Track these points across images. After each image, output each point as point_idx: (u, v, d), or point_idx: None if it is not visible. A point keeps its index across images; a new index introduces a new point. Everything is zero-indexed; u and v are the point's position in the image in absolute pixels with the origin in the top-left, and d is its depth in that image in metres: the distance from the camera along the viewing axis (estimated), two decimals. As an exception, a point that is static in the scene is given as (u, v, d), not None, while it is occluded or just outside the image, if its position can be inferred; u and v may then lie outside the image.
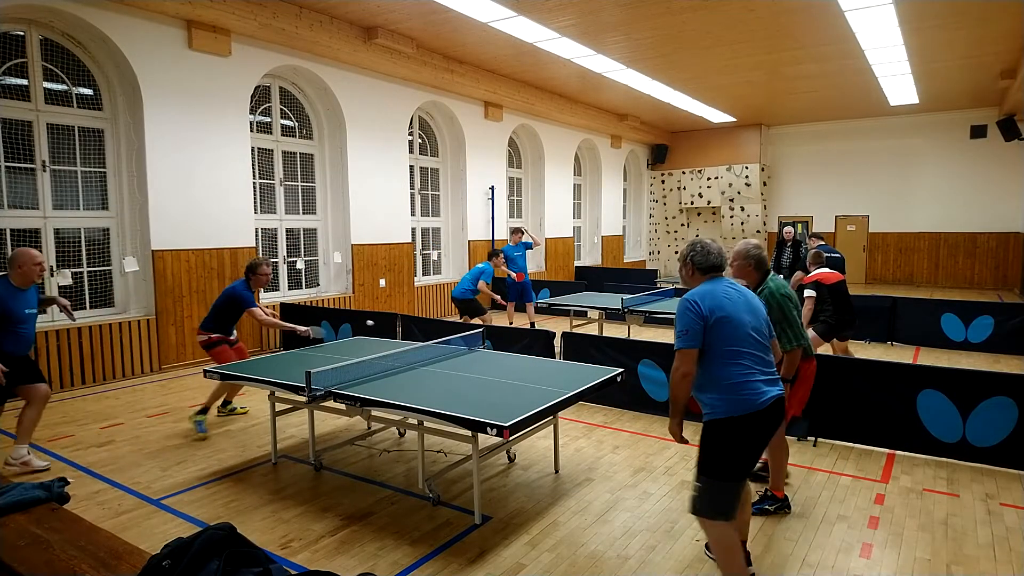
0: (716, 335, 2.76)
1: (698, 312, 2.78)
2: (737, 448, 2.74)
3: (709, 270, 2.97)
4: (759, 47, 10.19)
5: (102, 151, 7.61)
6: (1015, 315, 8.58)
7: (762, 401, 2.75)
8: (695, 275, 3.00)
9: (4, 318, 4.39)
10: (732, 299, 2.86)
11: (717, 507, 2.74)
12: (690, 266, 3.01)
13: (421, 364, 4.74)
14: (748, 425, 2.73)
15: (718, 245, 3.03)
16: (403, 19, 8.66)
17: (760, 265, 3.73)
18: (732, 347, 2.77)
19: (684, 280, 3.09)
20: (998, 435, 4.48)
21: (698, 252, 2.98)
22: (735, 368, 2.76)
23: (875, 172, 17.24)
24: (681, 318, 2.80)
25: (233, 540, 1.55)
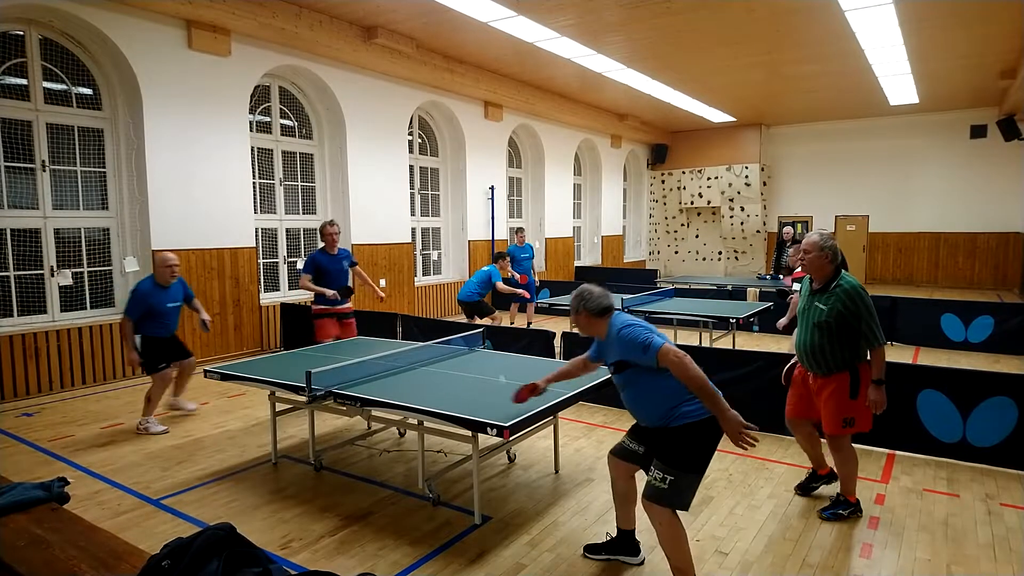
0: None
1: (639, 323, 2.88)
2: (712, 444, 2.86)
3: (604, 312, 2.97)
4: (759, 47, 10.19)
5: (102, 151, 7.61)
6: (1015, 315, 8.58)
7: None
8: (592, 321, 2.99)
9: (149, 311, 5.44)
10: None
11: (685, 498, 2.86)
12: (584, 314, 2.98)
13: (421, 364, 4.73)
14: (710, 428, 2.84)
15: (600, 289, 3.02)
16: (403, 19, 8.66)
17: (835, 258, 3.58)
18: None
19: (583, 330, 3.06)
20: (998, 435, 4.48)
21: (586, 300, 2.97)
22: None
23: (875, 172, 17.24)
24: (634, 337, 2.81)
25: (233, 540, 1.55)
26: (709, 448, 2.86)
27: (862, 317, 3.46)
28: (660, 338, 2.78)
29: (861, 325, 3.47)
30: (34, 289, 7.10)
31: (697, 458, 2.85)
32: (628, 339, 2.81)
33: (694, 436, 2.82)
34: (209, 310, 8.25)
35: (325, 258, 6.53)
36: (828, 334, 3.55)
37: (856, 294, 3.48)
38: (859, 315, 3.46)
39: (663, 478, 2.84)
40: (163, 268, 5.52)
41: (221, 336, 8.37)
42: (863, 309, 3.47)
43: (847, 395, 3.55)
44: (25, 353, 6.70)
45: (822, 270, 3.58)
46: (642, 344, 2.77)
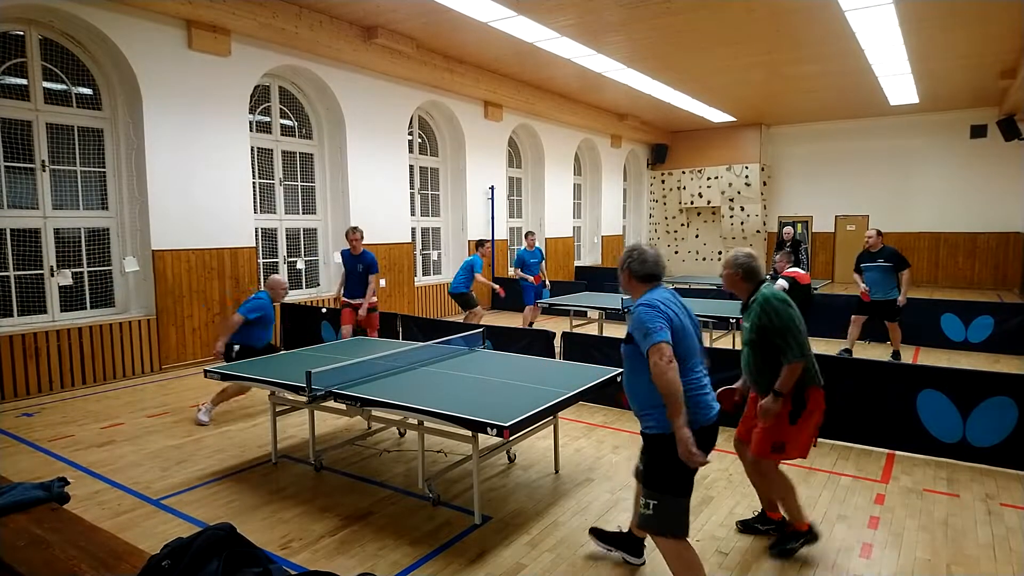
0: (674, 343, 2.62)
1: (662, 312, 2.66)
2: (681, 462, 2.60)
3: (646, 279, 2.82)
4: (759, 47, 10.19)
5: (102, 151, 7.60)
6: (1015, 315, 8.58)
7: (712, 416, 2.73)
8: (632, 282, 2.86)
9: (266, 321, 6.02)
10: (679, 307, 2.77)
11: (673, 523, 2.68)
12: (627, 273, 2.85)
13: (421, 364, 4.74)
14: (702, 439, 2.62)
15: (656, 252, 2.87)
16: (403, 19, 8.66)
17: (750, 275, 3.32)
18: (686, 357, 2.69)
19: (622, 285, 2.94)
20: (998, 435, 4.48)
21: (635, 259, 2.83)
22: (688, 382, 2.65)
23: (875, 172, 17.24)
24: (644, 321, 2.64)
25: (233, 540, 1.55)
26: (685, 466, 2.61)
27: (776, 330, 3.16)
28: (664, 334, 2.59)
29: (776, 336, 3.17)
30: (34, 289, 7.10)
31: (673, 477, 2.64)
32: (638, 318, 2.68)
33: (665, 450, 2.62)
34: (209, 310, 8.27)
35: (346, 256, 7.63)
36: (756, 351, 3.29)
37: (768, 306, 3.19)
38: (773, 328, 3.17)
39: (646, 503, 2.71)
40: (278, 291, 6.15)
41: (221, 336, 8.37)
42: (775, 320, 3.17)
43: (785, 419, 3.23)
44: (25, 353, 6.70)
45: (737, 287, 3.37)
46: (644, 329, 2.62)
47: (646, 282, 2.83)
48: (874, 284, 7.63)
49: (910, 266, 7.49)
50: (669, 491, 2.67)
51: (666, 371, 2.53)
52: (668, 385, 2.53)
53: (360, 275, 7.48)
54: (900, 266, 7.46)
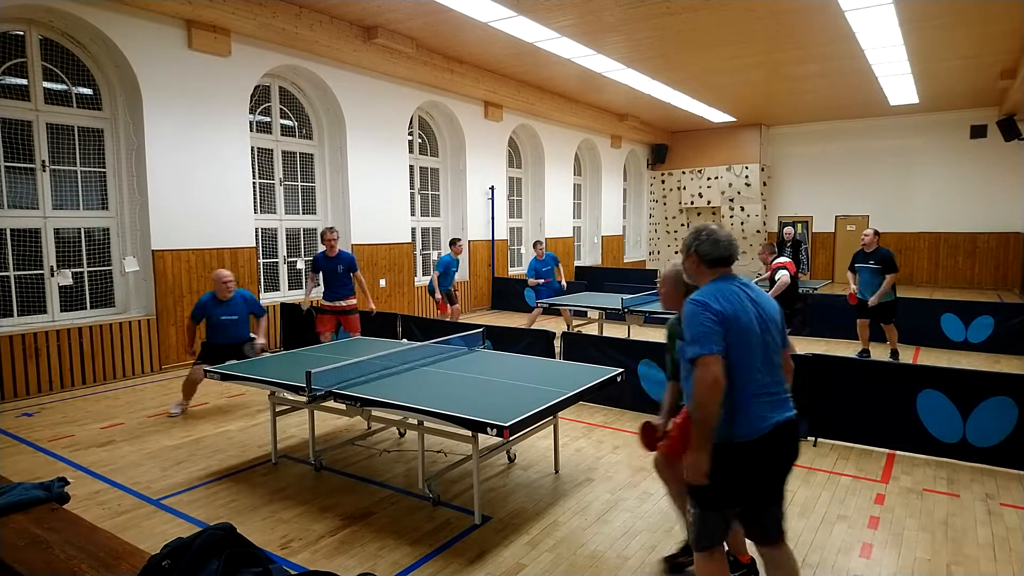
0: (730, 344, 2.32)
1: (714, 313, 2.32)
2: (729, 477, 2.35)
3: (717, 263, 2.47)
4: (759, 47, 10.19)
5: (102, 151, 7.60)
6: (1015, 315, 8.58)
7: (763, 427, 2.36)
8: (701, 269, 2.50)
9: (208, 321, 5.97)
10: (745, 303, 2.40)
11: (702, 535, 2.47)
12: (695, 258, 2.50)
13: (421, 364, 4.74)
14: (745, 453, 2.35)
15: (728, 232, 2.53)
16: (403, 19, 8.66)
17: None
18: (740, 361, 2.35)
19: (688, 274, 2.60)
20: (998, 435, 4.48)
21: (704, 240, 2.47)
22: (740, 388, 2.34)
23: (875, 172, 17.24)
24: (691, 322, 2.33)
25: (233, 540, 1.55)
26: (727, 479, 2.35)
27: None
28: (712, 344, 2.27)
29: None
30: (34, 289, 7.10)
31: (711, 489, 2.36)
32: (688, 316, 2.36)
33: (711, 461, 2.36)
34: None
35: (321, 259, 7.31)
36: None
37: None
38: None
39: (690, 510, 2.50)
40: (218, 284, 5.97)
41: (221, 336, 8.37)
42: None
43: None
44: (25, 353, 6.70)
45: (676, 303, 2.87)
46: (690, 334, 2.33)
47: (715, 267, 2.48)
48: (865, 285, 7.65)
49: (897, 271, 7.46)
50: (707, 503, 2.43)
51: (705, 392, 2.24)
52: (703, 411, 2.26)
53: (341, 275, 7.30)
54: (887, 269, 7.44)
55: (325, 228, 7.38)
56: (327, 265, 7.27)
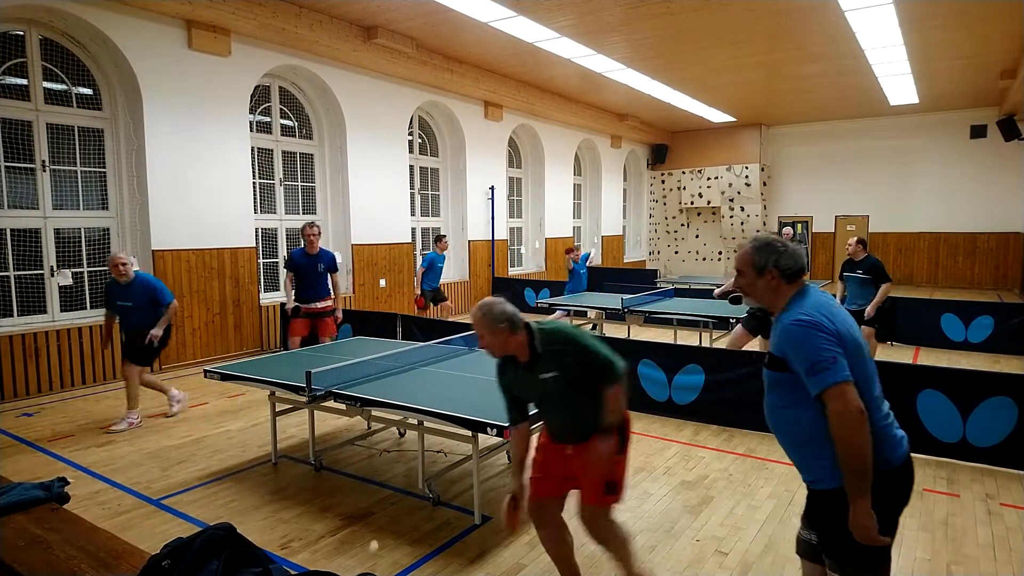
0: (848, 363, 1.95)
1: (830, 332, 1.95)
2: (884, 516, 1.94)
3: (798, 274, 2.12)
4: (759, 47, 10.19)
5: (102, 151, 7.60)
6: (1015, 315, 8.58)
7: (905, 450, 2.05)
8: (781, 286, 2.12)
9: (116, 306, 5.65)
10: (842, 312, 2.06)
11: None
12: (775, 273, 2.10)
13: (421, 364, 4.74)
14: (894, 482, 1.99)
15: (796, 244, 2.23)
16: (403, 19, 8.66)
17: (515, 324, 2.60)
18: (864, 378, 1.98)
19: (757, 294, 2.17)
20: (998, 435, 4.48)
21: (783, 252, 2.11)
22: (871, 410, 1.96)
23: (875, 172, 17.24)
24: (810, 343, 1.94)
25: (233, 540, 1.55)
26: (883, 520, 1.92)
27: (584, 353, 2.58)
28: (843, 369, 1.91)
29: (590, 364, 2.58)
30: (34, 289, 7.10)
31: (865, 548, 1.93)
32: (797, 339, 1.97)
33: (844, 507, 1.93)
34: (209, 310, 8.26)
35: (299, 256, 6.75)
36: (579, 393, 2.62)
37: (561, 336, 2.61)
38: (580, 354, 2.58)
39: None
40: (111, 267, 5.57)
41: (221, 336, 8.37)
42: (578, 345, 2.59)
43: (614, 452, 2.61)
44: (25, 353, 6.70)
45: (507, 346, 2.62)
46: (812, 360, 1.93)
47: (795, 280, 2.12)
48: (852, 295, 7.20)
49: (889, 281, 6.94)
50: (862, 566, 1.96)
51: (853, 427, 1.87)
52: (856, 449, 1.87)
53: (321, 275, 6.79)
54: (877, 279, 6.94)
55: (305, 223, 6.74)
56: (306, 263, 6.71)
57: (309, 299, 6.77)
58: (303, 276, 6.75)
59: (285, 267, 6.98)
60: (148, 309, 5.66)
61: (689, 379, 5.67)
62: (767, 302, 2.17)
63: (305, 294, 6.76)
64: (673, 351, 5.85)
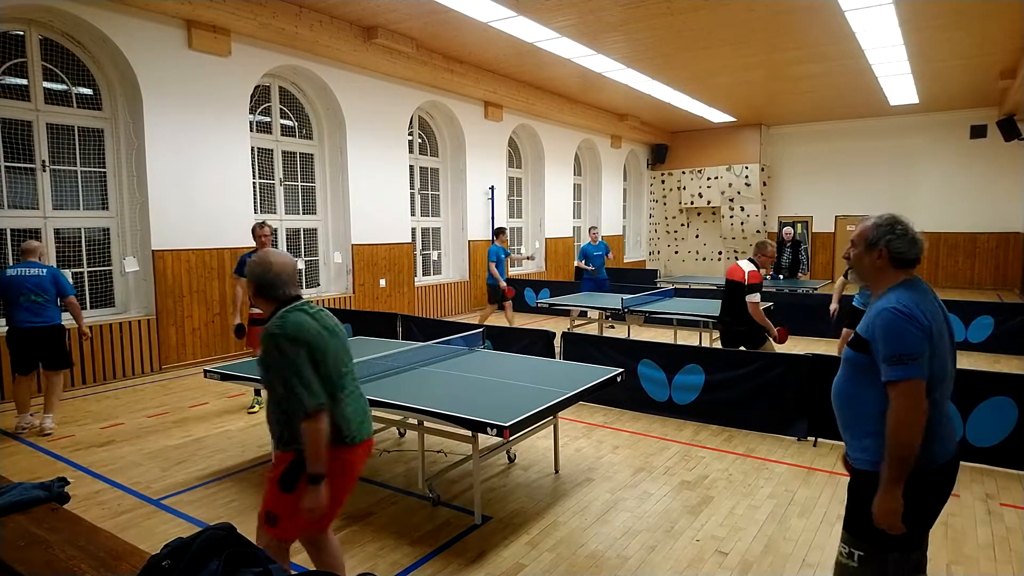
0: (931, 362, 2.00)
1: (923, 329, 1.96)
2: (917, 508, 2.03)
3: (909, 264, 2.09)
4: (759, 47, 10.19)
5: (102, 151, 7.60)
6: (1015, 315, 8.58)
7: (951, 449, 2.11)
8: (886, 270, 2.09)
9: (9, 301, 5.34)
10: (939, 312, 2.08)
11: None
12: (884, 254, 2.08)
13: (421, 364, 4.74)
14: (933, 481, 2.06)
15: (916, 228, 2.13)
16: (403, 19, 8.66)
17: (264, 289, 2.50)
18: (942, 380, 2.05)
19: (861, 273, 2.19)
20: (998, 435, 4.48)
21: (900, 235, 2.06)
22: (936, 409, 2.03)
23: (875, 172, 17.24)
24: (901, 334, 1.95)
25: (233, 540, 1.55)
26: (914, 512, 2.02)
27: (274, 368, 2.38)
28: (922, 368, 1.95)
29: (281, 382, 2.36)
30: (34, 289, 7.09)
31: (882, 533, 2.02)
32: (892, 326, 1.98)
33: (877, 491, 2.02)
34: (209, 310, 8.26)
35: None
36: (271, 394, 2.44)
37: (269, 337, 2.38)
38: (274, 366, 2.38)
39: (849, 552, 2.12)
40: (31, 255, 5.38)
41: (221, 336, 8.37)
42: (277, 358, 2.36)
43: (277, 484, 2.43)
44: (25, 353, 6.69)
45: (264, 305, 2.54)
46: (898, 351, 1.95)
47: (904, 268, 2.09)
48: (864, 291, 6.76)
49: None
50: (875, 542, 2.05)
51: (912, 423, 1.93)
52: (905, 444, 1.94)
53: None
54: None
55: (256, 224, 6.15)
56: None
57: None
58: None
59: (236, 273, 6.19)
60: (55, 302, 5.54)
61: (689, 379, 5.67)
62: (869, 280, 2.17)
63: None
64: (673, 351, 5.85)
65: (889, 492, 1.97)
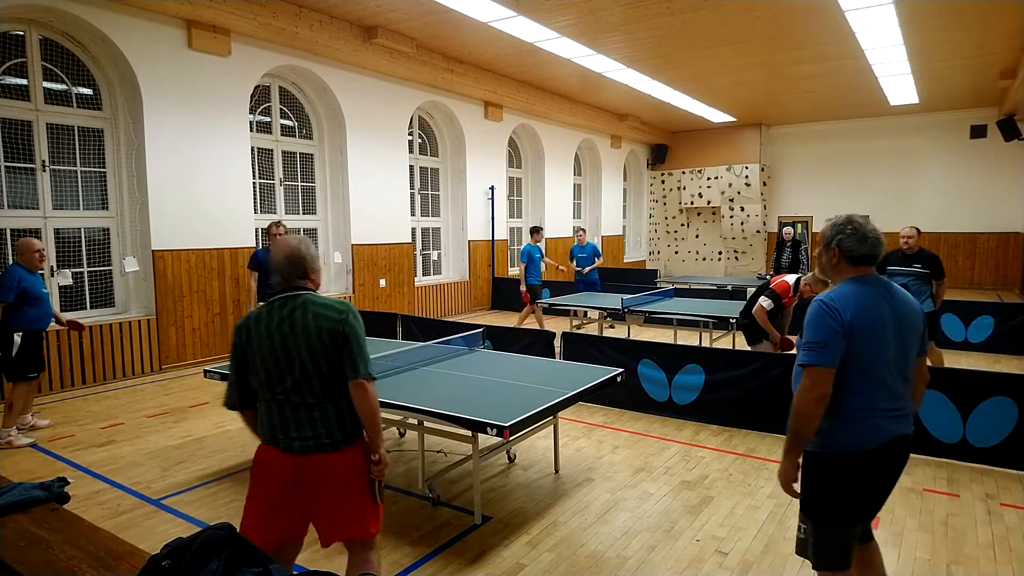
0: (850, 352, 2.17)
1: (840, 322, 2.16)
2: (845, 489, 2.24)
3: (861, 261, 2.28)
4: (759, 47, 10.19)
5: (102, 151, 7.60)
6: (1015, 315, 8.59)
7: (879, 439, 2.23)
8: (840, 265, 2.31)
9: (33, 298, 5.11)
10: (882, 308, 2.22)
11: (822, 556, 2.31)
12: (836, 252, 2.30)
13: (421, 364, 4.74)
14: (862, 464, 2.23)
15: (875, 227, 2.30)
16: (403, 19, 8.66)
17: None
18: (863, 370, 2.20)
19: (822, 269, 2.42)
20: (998, 435, 4.48)
21: (849, 235, 2.26)
22: (859, 397, 2.20)
23: (875, 172, 17.24)
24: (817, 326, 2.19)
25: (233, 540, 1.55)
26: (835, 493, 2.23)
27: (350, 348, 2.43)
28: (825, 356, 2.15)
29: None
30: (34, 289, 7.09)
31: (826, 503, 2.25)
32: (811, 317, 2.23)
33: (820, 471, 2.26)
34: (209, 310, 8.26)
35: (266, 255, 6.57)
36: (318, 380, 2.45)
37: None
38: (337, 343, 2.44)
39: (800, 526, 2.38)
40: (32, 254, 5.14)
41: (221, 336, 8.37)
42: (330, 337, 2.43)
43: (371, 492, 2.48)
44: (25, 353, 6.69)
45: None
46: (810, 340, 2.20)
47: (858, 265, 2.28)
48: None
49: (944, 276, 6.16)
50: (821, 520, 2.29)
51: (808, 403, 2.16)
52: (799, 416, 2.19)
53: None
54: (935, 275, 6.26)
55: (272, 223, 6.65)
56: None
57: None
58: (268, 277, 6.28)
59: (249, 267, 6.74)
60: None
61: (689, 379, 5.67)
62: (829, 275, 2.39)
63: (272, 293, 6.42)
64: (673, 351, 5.86)
65: (785, 459, 2.27)
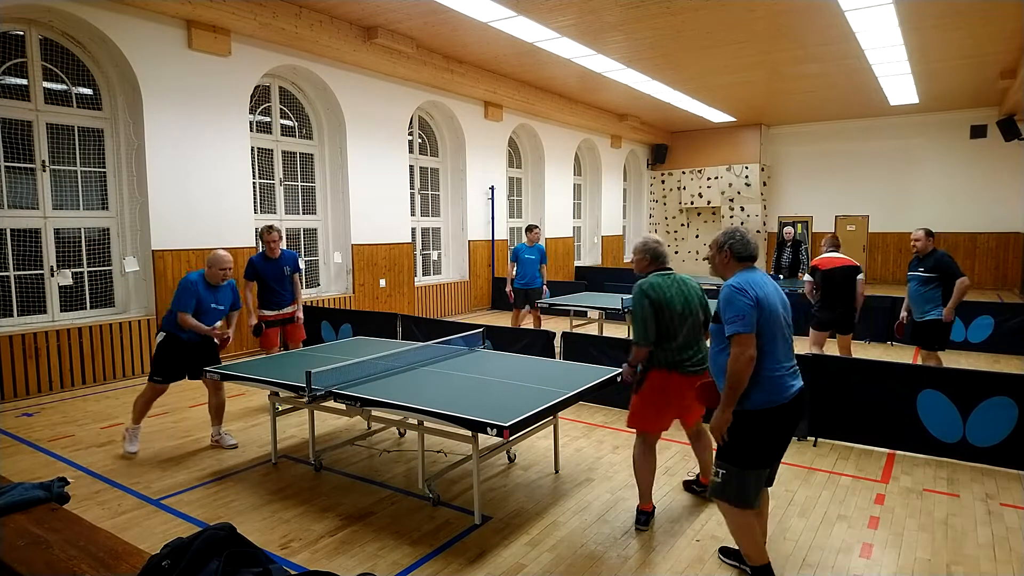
0: (759, 322, 2.81)
1: (749, 298, 2.81)
2: (765, 438, 2.87)
3: (746, 259, 3.03)
4: (759, 47, 10.19)
5: (102, 151, 7.60)
6: (1015, 315, 8.58)
7: (788, 394, 2.87)
8: (731, 263, 3.05)
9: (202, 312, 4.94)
10: (768, 289, 2.91)
11: (742, 495, 2.87)
12: (727, 254, 3.04)
13: (421, 364, 4.73)
14: (776, 417, 2.85)
15: (752, 236, 3.11)
16: (403, 19, 8.66)
17: (657, 259, 3.80)
18: (769, 338, 2.84)
19: (715, 267, 3.14)
20: (998, 435, 4.48)
21: (738, 240, 3.03)
22: (769, 360, 2.83)
23: (875, 172, 17.24)
24: (731, 304, 2.82)
25: (233, 540, 1.55)
26: (756, 441, 2.86)
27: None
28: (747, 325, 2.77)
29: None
30: (34, 289, 7.10)
31: (743, 450, 2.86)
32: (727, 298, 2.86)
33: (747, 425, 2.85)
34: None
35: (261, 262, 6.25)
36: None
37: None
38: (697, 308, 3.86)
39: (716, 471, 2.94)
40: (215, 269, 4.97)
41: (221, 336, 8.37)
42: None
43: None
44: (25, 353, 6.70)
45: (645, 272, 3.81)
46: (731, 314, 2.81)
47: (744, 262, 3.03)
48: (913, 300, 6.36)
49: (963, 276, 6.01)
50: (743, 464, 2.86)
51: (740, 365, 2.76)
52: (734, 376, 2.79)
53: (288, 279, 6.33)
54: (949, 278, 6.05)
55: (264, 228, 6.27)
56: (270, 269, 6.21)
57: (280, 305, 6.32)
58: (269, 283, 6.26)
59: (245, 277, 6.22)
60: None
61: (689, 379, 5.66)
62: (720, 272, 3.12)
63: (275, 300, 6.28)
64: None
65: (723, 411, 2.87)
